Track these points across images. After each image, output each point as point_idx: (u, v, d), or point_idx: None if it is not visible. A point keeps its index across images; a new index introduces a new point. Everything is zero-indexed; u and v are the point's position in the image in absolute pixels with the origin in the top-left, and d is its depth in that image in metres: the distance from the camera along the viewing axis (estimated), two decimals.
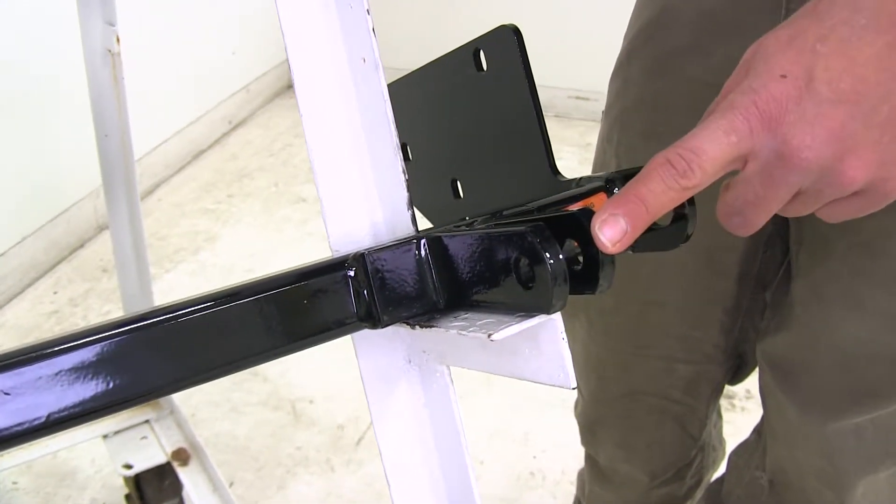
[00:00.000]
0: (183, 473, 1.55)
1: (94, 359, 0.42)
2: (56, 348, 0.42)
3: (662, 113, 0.95)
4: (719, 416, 1.34)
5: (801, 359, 0.98)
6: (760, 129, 0.50)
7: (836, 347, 0.93)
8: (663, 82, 0.94)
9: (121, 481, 1.68)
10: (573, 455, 1.93)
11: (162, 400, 1.64)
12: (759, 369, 1.07)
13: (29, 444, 1.53)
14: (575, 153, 3.30)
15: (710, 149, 0.50)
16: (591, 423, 1.29)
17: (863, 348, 0.90)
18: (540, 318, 0.44)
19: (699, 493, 1.35)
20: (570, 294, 0.45)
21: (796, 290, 0.96)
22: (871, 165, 0.51)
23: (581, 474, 1.47)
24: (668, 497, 1.30)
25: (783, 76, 0.50)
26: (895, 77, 0.50)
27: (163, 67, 3.01)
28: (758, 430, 1.20)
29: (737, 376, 1.17)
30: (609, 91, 1.04)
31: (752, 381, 1.16)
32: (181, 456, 1.57)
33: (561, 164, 0.59)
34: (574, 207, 0.55)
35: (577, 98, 3.54)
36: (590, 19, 3.36)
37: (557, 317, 0.45)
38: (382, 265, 0.49)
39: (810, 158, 0.50)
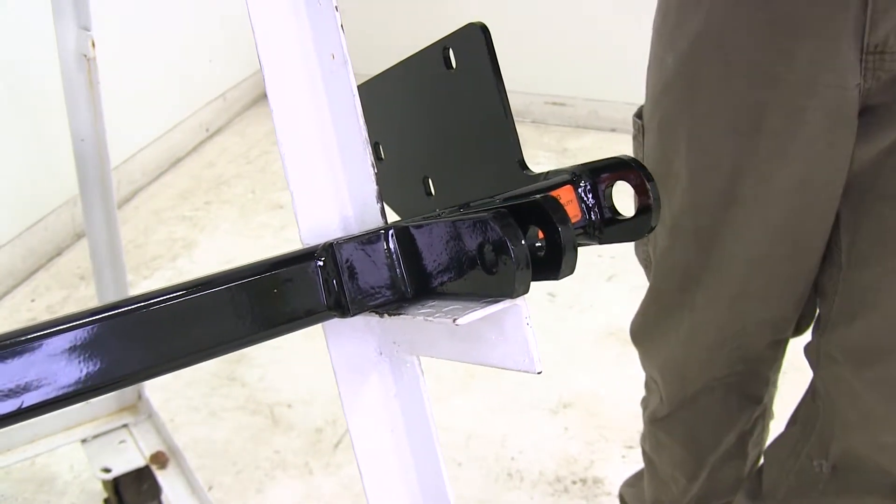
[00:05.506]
0: (161, 477, 1.55)
1: (69, 346, 0.43)
2: (31, 335, 0.43)
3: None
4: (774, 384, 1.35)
5: (883, 345, 1.00)
6: None
7: None
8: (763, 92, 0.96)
9: (99, 486, 1.68)
10: (550, 456, 1.95)
11: (140, 404, 1.64)
12: (824, 365, 1.09)
13: (7, 449, 1.53)
14: (552, 158, 3.32)
15: None
16: (658, 426, 1.32)
17: None
18: (504, 304, 0.45)
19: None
20: (534, 280, 0.46)
21: (866, 279, 0.99)
22: None
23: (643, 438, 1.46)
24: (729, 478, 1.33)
25: None
26: None
27: (140, 75, 3.01)
28: (801, 422, 1.21)
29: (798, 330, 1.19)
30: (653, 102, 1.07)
31: None
32: (159, 459, 1.57)
33: (538, 170, 0.60)
34: None
35: (554, 104, 3.56)
36: (566, 26, 3.39)
37: (522, 302, 0.46)
38: (351, 255, 0.50)
39: None
